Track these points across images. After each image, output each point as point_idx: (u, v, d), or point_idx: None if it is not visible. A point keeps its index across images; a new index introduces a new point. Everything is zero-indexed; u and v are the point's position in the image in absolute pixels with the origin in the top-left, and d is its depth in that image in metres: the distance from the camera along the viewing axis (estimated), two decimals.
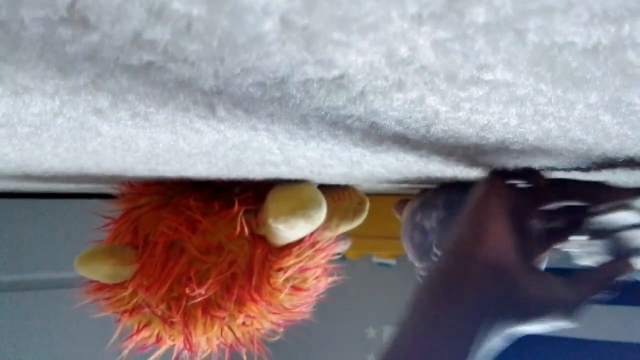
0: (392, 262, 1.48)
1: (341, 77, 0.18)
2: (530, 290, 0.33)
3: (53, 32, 0.13)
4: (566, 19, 0.12)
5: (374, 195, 1.17)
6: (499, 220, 0.34)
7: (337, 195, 0.71)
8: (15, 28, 0.12)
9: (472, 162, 0.38)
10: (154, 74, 0.16)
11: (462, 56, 0.14)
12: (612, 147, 0.31)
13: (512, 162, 0.38)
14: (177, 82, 0.17)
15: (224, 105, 0.21)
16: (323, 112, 0.23)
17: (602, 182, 0.37)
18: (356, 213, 0.73)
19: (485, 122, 0.25)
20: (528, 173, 0.39)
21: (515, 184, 0.38)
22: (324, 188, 0.68)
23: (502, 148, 0.31)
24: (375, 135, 0.28)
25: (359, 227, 0.74)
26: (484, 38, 0.13)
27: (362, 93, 0.19)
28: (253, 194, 0.62)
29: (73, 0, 0.11)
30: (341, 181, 0.65)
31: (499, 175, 0.38)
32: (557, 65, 0.15)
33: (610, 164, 0.37)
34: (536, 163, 0.38)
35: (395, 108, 0.22)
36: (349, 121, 0.25)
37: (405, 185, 0.75)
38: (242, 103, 0.20)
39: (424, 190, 0.73)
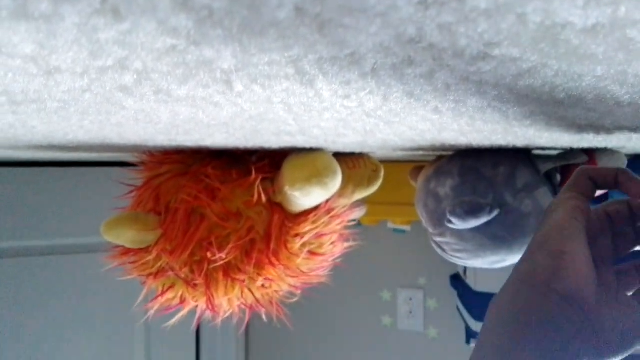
0: (407, 228, 1.50)
1: (352, 54, 0.18)
2: (610, 324, 0.30)
3: (87, 22, 0.14)
4: (564, 2, 0.13)
5: (388, 163, 1.18)
6: (579, 250, 0.31)
7: (352, 163, 0.72)
8: (55, 20, 0.13)
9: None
10: (177, 56, 0.17)
11: (467, 37, 0.15)
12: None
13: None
14: (198, 62, 0.18)
15: (241, 81, 0.22)
16: (335, 87, 0.24)
17: None
18: (371, 180, 0.74)
19: (497, 93, 0.26)
20: (627, 181, 0.33)
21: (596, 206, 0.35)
22: (339, 156, 0.69)
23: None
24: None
25: (374, 193, 0.75)
26: (486, 21, 0.13)
27: (373, 69, 0.20)
28: (269, 162, 0.63)
29: None
30: (356, 149, 0.66)
31: (578, 193, 0.34)
32: (560, 43, 0.16)
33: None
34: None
35: (407, 82, 0.22)
36: (362, 94, 0.26)
37: (420, 153, 0.75)
38: (258, 80, 0.21)
39: (439, 158, 0.73)
